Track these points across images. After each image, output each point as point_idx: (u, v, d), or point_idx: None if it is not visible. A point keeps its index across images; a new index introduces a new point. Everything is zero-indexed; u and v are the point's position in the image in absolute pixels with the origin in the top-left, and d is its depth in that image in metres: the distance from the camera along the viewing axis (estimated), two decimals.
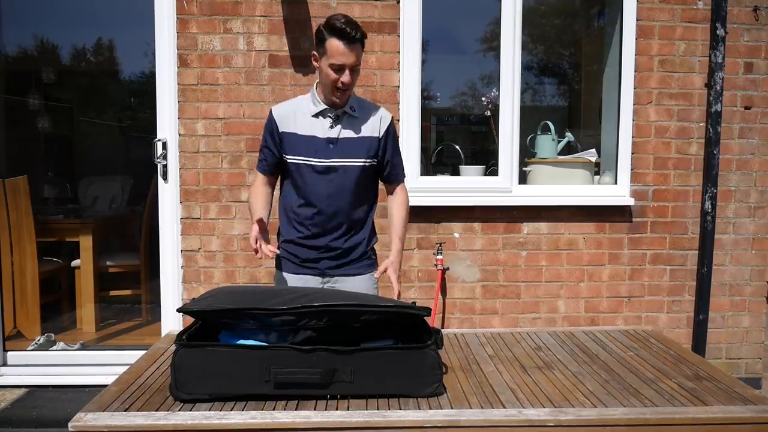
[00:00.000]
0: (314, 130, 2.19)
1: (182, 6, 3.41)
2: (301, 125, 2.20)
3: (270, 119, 2.24)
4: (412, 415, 1.45)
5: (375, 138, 2.24)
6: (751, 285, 3.70)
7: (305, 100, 2.26)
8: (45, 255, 4.26)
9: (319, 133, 2.19)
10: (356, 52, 2.08)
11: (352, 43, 2.06)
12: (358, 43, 2.09)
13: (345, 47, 2.06)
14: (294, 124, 2.20)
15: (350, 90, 2.17)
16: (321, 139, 2.18)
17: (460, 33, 4.59)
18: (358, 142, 2.21)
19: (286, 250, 2.28)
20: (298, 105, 2.25)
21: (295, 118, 2.20)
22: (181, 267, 3.52)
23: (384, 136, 2.26)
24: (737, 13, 3.55)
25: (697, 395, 1.60)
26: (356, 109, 2.23)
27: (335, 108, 2.19)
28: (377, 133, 2.24)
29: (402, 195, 2.35)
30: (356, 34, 2.06)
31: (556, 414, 1.47)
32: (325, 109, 2.19)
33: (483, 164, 3.86)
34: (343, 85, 2.11)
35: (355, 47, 2.08)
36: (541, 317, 3.65)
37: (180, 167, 3.48)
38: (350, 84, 2.11)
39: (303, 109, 2.22)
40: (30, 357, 3.70)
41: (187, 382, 1.51)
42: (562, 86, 5.10)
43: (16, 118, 5.11)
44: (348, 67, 2.08)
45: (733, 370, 3.67)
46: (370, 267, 2.31)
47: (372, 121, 2.24)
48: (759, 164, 3.64)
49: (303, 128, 2.20)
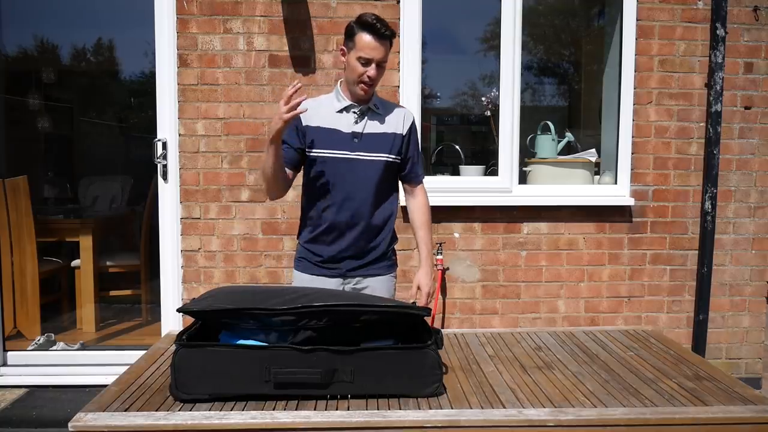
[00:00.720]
0: (339, 124, 2.22)
1: (182, 6, 3.41)
2: (326, 119, 2.22)
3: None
4: (412, 415, 1.45)
5: (399, 135, 2.27)
6: (751, 285, 3.70)
7: (328, 97, 2.29)
8: (45, 255, 4.26)
9: (344, 128, 2.21)
10: (384, 48, 2.14)
11: (381, 39, 2.12)
12: (387, 41, 2.14)
13: (374, 41, 2.11)
14: (318, 117, 2.22)
15: (375, 86, 2.20)
16: (346, 133, 2.21)
17: (460, 33, 4.59)
18: (383, 137, 2.24)
19: (308, 250, 2.28)
20: (322, 101, 2.28)
21: (319, 112, 2.22)
22: (181, 267, 3.52)
23: (408, 133, 2.30)
24: (737, 13, 3.55)
25: (697, 395, 1.60)
26: (379, 106, 2.28)
27: (360, 104, 2.23)
28: (401, 130, 2.28)
29: (423, 197, 2.39)
30: (386, 30, 2.13)
31: (556, 414, 1.47)
32: (350, 105, 2.23)
33: (483, 164, 3.86)
34: (369, 80, 2.14)
35: (384, 43, 2.13)
36: (541, 317, 3.65)
37: (180, 167, 3.48)
38: (375, 78, 2.16)
39: (327, 104, 2.26)
40: (30, 357, 3.70)
41: (187, 382, 1.51)
42: (562, 86, 5.10)
43: (16, 118, 5.11)
44: (375, 61, 2.13)
45: (733, 370, 3.67)
46: (390, 268, 2.34)
47: (396, 118, 2.28)
48: (759, 164, 3.64)
49: (328, 122, 2.22)
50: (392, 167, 2.27)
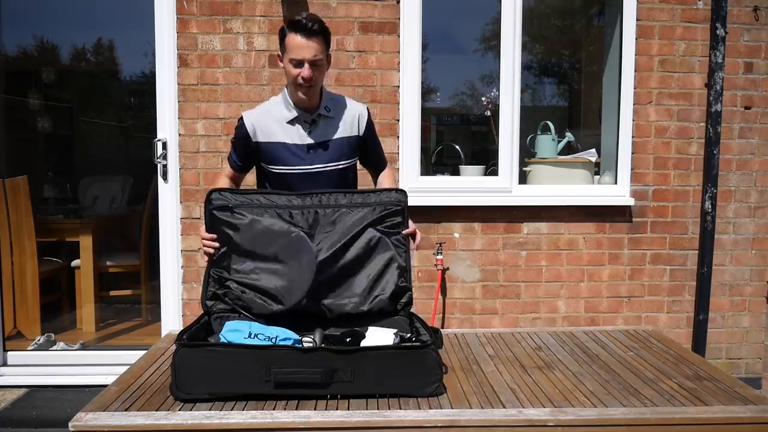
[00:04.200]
0: (292, 137, 2.14)
1: (182, 6, 3.41)
2: (278, 133, 2.14)
3: (242, 127, 2.18)
4: (412, 415, 1.45)
5: (354, 137, 2.23)
6: (751, 285, 3.70)
7: (277, 105, 2.19)
8: (45, 255, 4.26)
9: (297, 140, 2.15)
10: (315, 44, 2.01)
11: (310, 36, 2.00)
12: (317, 36, 2.02)
13: (302, 40, 2.00)
14: (270, 132, 2.15)
15: (316, 87, 2.10)
16: (300, 146, 2.15)
17: (460, 32, 4.60)
18: (338, 143, 2.18)
19: None
20: (271, 111, 2.19)
21: (270, 126, 2.15)
22: (181, 267, 3.52)
23: (365, 134, 2.26)
24: (737, 13, 3.55)
25: (697, 395, 1.60)
26: (330, 108, 2.19)
27: (309, 112, 2.15)
28: (356, 132, 2.23)
29: (390, 170, 2.41)
30: (313, 26, 2.00)
31: (556, 414, 1.47)
32: (300, 115, 2.14)
33: (483, 164, 3.86)
34: (304, 80, 2.03)
35: (313, 40, 2.01)
36: (541, 317, 3.65)
37: (180, 167, 3.48)
38: (310, 79, 2.04)
39: (276, 115, 2.16)
40: (30, 357, 3.70)
41: (188, 381, 1.51)
42: (562, 86, 5.10)
43: (16, 118, 5.11)
44: (307, 61, 2.02)
45: (733, 370, 3.67)
46: None
47: (349, 119, 2.21)
48: (759, 164, 3.64)
49: (280, 136, 2.14)
50: (351, 169, 2.25)
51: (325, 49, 2.07)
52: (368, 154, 2.32)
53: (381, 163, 2.39)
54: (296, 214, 1.90)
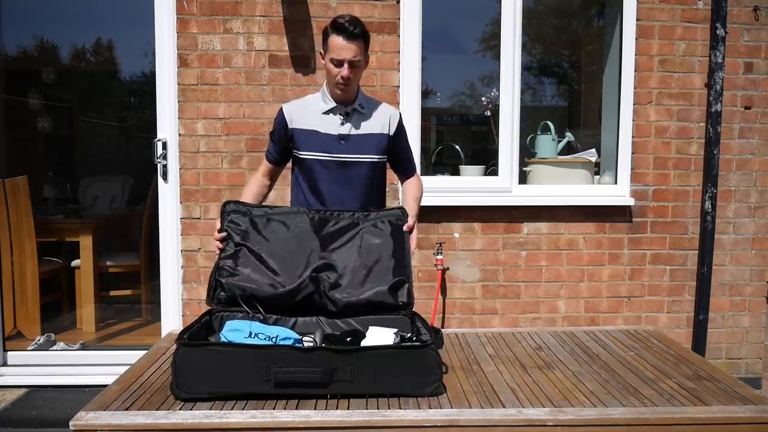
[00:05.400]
0: (325, 126, 2.25)
1: (182, 6, 3.41)
2: (313, 122, 2.25)
3: (281, 116, 2.29)
4: (412, 414, 1.45)
5: (385, 135, 2.30)
6: (751, 285, 3.70)
7: (315, 98, 2.32)
8: (45, 255, 4.26)
9: (331, 130, 2.25)
10: (355, 47, 2.13)
11: (351, 39, 2.12)
12: (358, 39, 2.14)
13: (343, 42, 2.12)
14: (305, 120, 2.26)
15: (352, 85, 2.22)
16: (332, 136, 2.24)
17: (460, 33, 4.60)
18: (369, 138, 2.27)
19: None
20: (308, 102, 2.32)
21: (306, 115, 2.26)
22: (181, 267, 3.52)
23: (396, 134, 2.33)
24: (737, 13, 3.55)
25: (697, 395, 1.60)
26: (365, 106, 2.30)
27: (345, 105, 2.25)
28: (387, 130, 2.31)
29: (417, 179, 2.46)
30: (355, 29, 2.12)
31: (556, 414, 1.47)
32: (335, 107, 2.26)
33: (483, 164, 3.86)
34: (343, 80, 2.16)
35: (354, 43, 2.13)
36: (541, 317, 3.66)
37: (180, 167, 3.48)
38: (349, 78, 2.16)
39: (313, 106, 2.29)
40: (30, 357, 3.70)
41: (188, 381, 1.51)
42: (562, 86, 5.10)
43: (16, 118, 5.11)
44: (347, 61, 2.13)
45: (733, 370, 3.67)
46: None
47: (381, 118, 2.31)
48: (759, 164, 3.64)
49: (314, 125, 2.25)
50: (379, 167, 2.32)
51: (364, 51, 2.19)
52: (397, 157, 2.39)
53: (409, 168, 2.45)
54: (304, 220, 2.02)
